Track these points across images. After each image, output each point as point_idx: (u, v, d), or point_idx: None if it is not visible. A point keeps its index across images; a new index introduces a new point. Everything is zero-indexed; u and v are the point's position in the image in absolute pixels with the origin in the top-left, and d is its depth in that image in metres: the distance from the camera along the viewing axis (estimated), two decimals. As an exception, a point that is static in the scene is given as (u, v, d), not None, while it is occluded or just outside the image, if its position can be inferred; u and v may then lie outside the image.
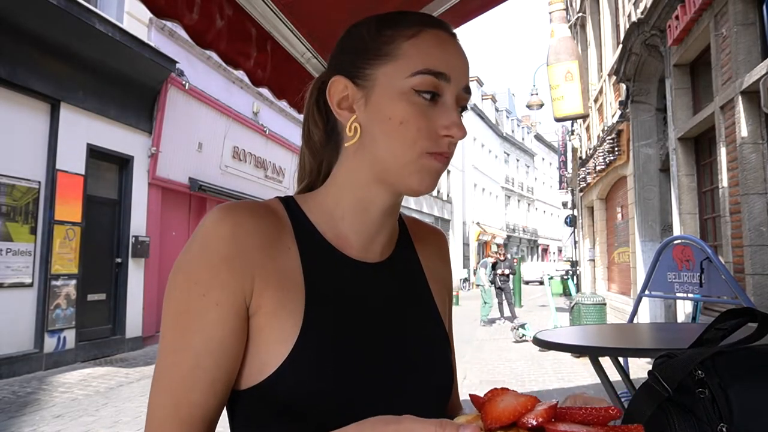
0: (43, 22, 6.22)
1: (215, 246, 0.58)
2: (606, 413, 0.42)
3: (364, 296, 0.65)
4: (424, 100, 0.61)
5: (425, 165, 0.62)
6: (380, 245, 0.69)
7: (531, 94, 17.60)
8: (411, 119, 0.60)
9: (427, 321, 0.72)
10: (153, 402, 0.57)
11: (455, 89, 0.63)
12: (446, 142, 0.62)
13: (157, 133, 8.52)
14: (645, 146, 8.84)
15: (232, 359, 0.58)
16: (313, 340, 0.58)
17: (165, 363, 0.58)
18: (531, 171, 44.11)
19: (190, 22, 1.30)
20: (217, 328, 0.57)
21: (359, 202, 0.66)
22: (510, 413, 0.42)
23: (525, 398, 0.43)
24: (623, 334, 2.90)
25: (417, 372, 0.65)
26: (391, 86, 0.62)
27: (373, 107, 0.62)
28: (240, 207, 0.61)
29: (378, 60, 0.63)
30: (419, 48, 0.62)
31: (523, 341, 8.66)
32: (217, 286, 0.57)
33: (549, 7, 12.83)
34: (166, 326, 0.58)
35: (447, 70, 0.62)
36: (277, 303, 0.59)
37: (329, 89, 0.65)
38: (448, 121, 0.61)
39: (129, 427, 4.43)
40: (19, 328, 6.34)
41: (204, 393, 0.56)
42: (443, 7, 1.78)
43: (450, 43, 0.64)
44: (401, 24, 0.64)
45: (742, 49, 4.86)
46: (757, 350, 0.89)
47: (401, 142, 0.61)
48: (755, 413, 0.80)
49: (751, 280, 4.66)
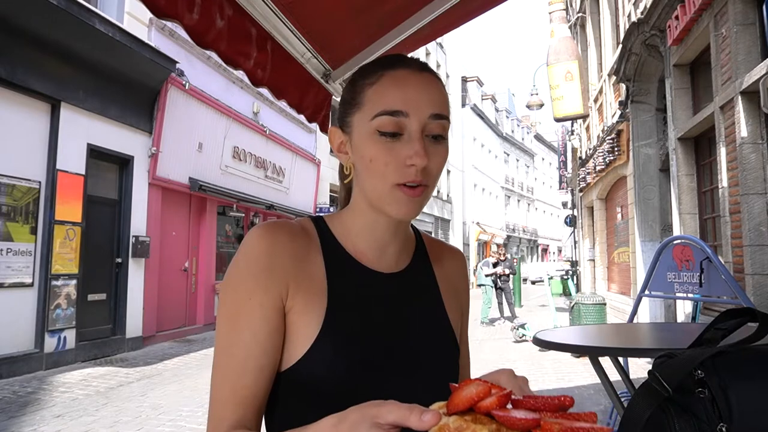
0: (43, 22, 6.22)
1: (256, 259, 0.70)
2: (558, 401, 0.45)
3: (378, 301, 0.76)
4: (387, 138, 0.70)
5: (396, 196, 0.71)
6: (392, 257, 0.80)
7: (531, 94, 17.58)
8: (377, 156, 0.70)
9: (436, 327, 0.80)
10: (214, 388, 0.69)
11: (418, 121, 0.70)
12: (412, 172, 0.69)
13: (157, 133, 8.52)
14: (645, 146, 8.84)
15: (275, 348, 0.70)
16: (330, 336, 0.69)
17: (222, 355, 0.69)
18: (531, 171, 44.09)
19: (191, 22, 1.30)
20: (262, 324, 0.69)
21: (367, 222, 0.78)
22: (467, 400, 0.46)
23: (483, 386, 0.47)
24: (623, 334, 2.90)
25: (422, 370, 0.74)
26: (361, 130, 0.72)
27: (354, 149, 0.74)
28: (277, 226, 0.74)
29: (352, 109, 0.74)
30: (378, 92, 0.72)
31: (523, 341, 8.66)
32: (260, 291, 0.69)
33: (549, 7, 12.84)
34: (222, 325, 0.70)
35: (403, 107, 0.70)
36: (305, 305, 0.71)
37: (329, 138, 0.79)
38: (411, 151, 0.69)
39: (129, 427, 4.43)
40: (20, 328, 6.34)
41: (255, 377, 0.68)
42: (443, 7, 1.78)
43: (410, 79, 0.72)
44: (366, 73, 0.74)
45: (742, 49, 4.86)
46: (757, 350, 0.89)
47: (374, 177, 0.71)
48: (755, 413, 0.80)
49: (750, 280, 4.66)
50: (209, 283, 10.41)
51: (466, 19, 2.01)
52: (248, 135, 11.40)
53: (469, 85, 31.49)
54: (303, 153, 14.02)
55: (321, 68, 1.95)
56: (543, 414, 0.44)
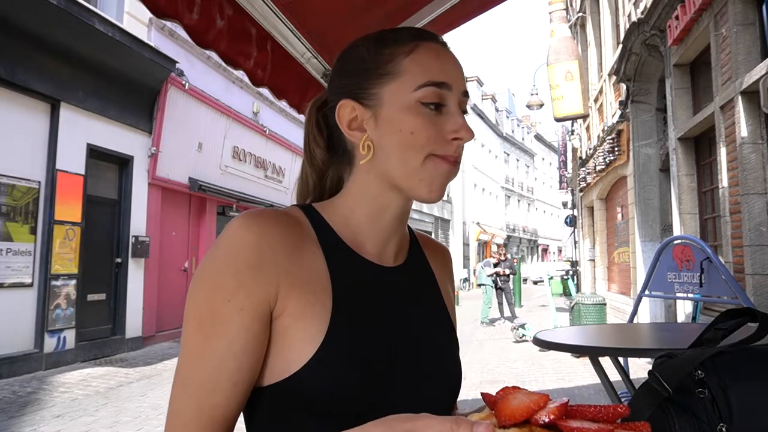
0: (43, 22, 6.22)
1: (241, 253, 0.60)
2: (615, 411, 0.43)
3: (386, 298, 0.69)
4: (430, 110, 0.65)
5: (432, 170, 0.65)
6: (393, 251, 0.74)
7: (531, 94, 17.58)
8: (421, 128, 0.65)
9: (441, 325, 0.76)
10: (175, 404, 0.60)
11: (456, 95, 0.67)
12: (454, 146, 0.66)
13: (157, 133, 8.52)
14: (645, 146, 8.83)
15: (254, 361, 0.60)
16: (339, 339, 0.61)
17: (188, 366, 0.59)
18: (531, 171, 44.08)
19: (191, 22, 1.30)
20: (240, 333, 0.58)
21: (373, 210, 0.70)
22: (523, 410, 0.43)
23: (537, 396, 0.44)
24: (623, 334, 2.90)
25: (432, 373, 0.69)
26: (398, 102, 0.66)
27: (383, 123, 0.66)
28: (264, 214, 0.64)
29: (381, 79, 0.67)
30: (418, 62, 0.66)
31: (523, 341, 8.66)
32: (242, 292, 0.59)
33: (549, 7, 12.84)
34: (189, 330, 0.60)
35: (447, 79, 0.66)
36: (303, 305, 0.61)
37: (338, 113, 0.69)
38: (456, 125, 0.66)
39: (129, 427, 4.43)
40: (19, 328, 6.34)
41: (226, 395, 0.58)
42: (443, 7, 1.78)
43: (445, 53, 0.69)
44: (398, 41, 0.68)
45: (742, 49, 4.86)
46: (757, 350, 0.89)
47: (412, 151, 0.65)
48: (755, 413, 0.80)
49: (750, 280, 4.66)
50: (209, 283, 10.40)
51: (466, 19, 2.01)
52: (248, 135, 11.40)
53: (469, 85, 31.49)
54: (303, 153, 14.01)
55: (321, 68, 1.95)
56: (603, 425, 0.42)
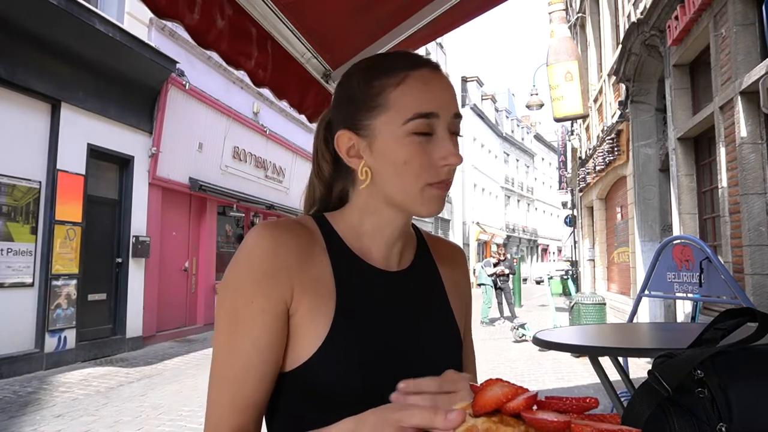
0: (43, 22, 6.22)
1: (258, 261, 0.67)
2: (582, 403, 0.45)
3: (387, 300, 0.74)
4: (421, 138, 0.69)
5: (429, 195, 0.71)
6: (398, 255, 0.79)
7: (531, 94, 17.58)
8: (413, 158, 0.69)
9: (443, 324, 0.80)
10: (212, 397, 0.67)
11: (446, 121, 0.70)
12: (445, 171, 0.70)
13: (157, 133, 8.52)
14: (645, 146, 8.83)
15: (276, 355, 0.67)
16: (340, 336, 0.68)
17: (220, 363, 0.67)
18: (531, 171, 44.07)
19: (191, 22, 1.30)
20: (263, 332, 0.66)
21: (376, 224, 0.76)
22: (494, 401, 0.46)
23: (510, 388, 0.47)
24: (623, 334, 2.90)
25: (431, 368, 0.71)
26: (390, 133, 0.70)
27: (378, 153, 0.71)
28: (279, 225, 0.71)
29: (373, 112, 0.71)
30: (408, 94, 0.69)
31: (523, 341, 8.67)
32: (261, 296, 0.66)
33: (549, 8, 12.84)
34: (219, 331, 0.68)
35: (435, 109, 0.69)
36: (312, 307, 0.68)
37: (337, 143, 0.75)
38: (445, 151, 0.69)
39: (129, 427, 4.43)
40: (20, 327, 6.34)
41: (255, 385, 0.66)
42: (443, 7, 1.78)
43: (434, 79, 0.71)
44: (388, 73, 0.71)
45: (742, 49, 4.86)
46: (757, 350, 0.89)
47: (407, 179, 0.70)
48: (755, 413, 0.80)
49: (750, 280, 4.66)
50: (209, 283, 10.41)
51: (466, 19, 2.01)
52: (248, 135, 11.40)
53: (469, 85, 31.50)
54: (303, 153, 14.02)
55: (321, 68, 1.95)
56: (571, 416, 0.44)
